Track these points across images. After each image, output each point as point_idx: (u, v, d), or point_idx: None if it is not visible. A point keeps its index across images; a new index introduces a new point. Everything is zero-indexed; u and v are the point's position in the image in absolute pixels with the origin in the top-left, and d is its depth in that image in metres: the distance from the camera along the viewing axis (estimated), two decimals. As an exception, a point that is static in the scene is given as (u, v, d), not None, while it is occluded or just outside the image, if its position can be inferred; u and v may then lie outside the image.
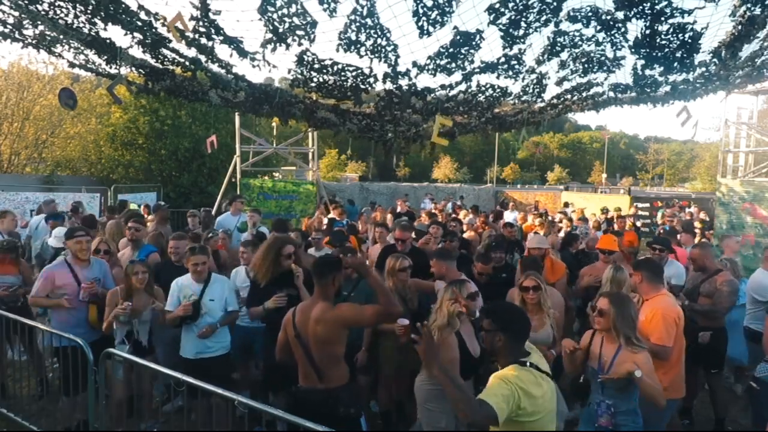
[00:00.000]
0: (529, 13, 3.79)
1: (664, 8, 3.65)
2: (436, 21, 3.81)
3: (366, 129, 6.64)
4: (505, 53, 4.37)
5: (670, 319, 3.22)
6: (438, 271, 3.94)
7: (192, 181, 16.72)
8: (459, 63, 4.50)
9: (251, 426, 3.29)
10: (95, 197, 12.10)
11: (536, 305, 3.48)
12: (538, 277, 3.54)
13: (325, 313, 2.75)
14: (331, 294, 2.88)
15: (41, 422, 4.02)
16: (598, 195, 23.59)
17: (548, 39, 4.29)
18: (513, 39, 4.10)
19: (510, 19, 3.83)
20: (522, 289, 3.53)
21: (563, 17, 3.94)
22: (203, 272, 3.84)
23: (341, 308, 2.81)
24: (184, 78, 5.15)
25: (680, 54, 4.31)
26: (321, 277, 2.84)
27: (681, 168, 59.93)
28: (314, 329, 2.75)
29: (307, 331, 2.79)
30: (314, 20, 3.79)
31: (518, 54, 4.43)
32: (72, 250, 4.01)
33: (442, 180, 54.43)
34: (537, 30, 4.02)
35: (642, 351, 2.77)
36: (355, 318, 2.82)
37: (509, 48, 4.22)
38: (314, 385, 2.80)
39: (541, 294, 3.48)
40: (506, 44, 4.16)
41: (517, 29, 3.98)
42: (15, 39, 4.30)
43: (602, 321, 2.88)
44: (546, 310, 3.49)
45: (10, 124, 16.46)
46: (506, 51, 4.29)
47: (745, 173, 10.23)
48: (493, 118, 6.44)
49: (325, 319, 2.73)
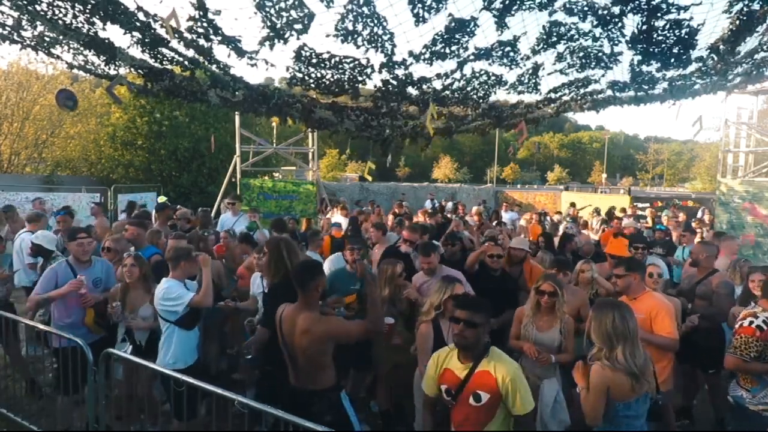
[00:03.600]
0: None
1: (660, 4, 3.66)
2: (432, 7, 3.82)
3: (364, 126, 6.63)
4: (499, 39, 4.37)
5: (671, 313, 3.40)
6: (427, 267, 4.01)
7: (192, 181, 16.73)
8: (453, 49, 4.51)
9: (251, 426, 3.28)
10: (95, 197, 12.09)
11: (550, 308, 3.45)
12: (557, 282, 3.47)
13: (313, 325, 2.66)
14: (316, 301, 2.79)
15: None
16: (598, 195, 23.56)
17: (543, 29, 4.29)
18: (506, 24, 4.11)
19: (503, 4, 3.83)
20: (538, 292, 3.47)
21: (559, 8, 3.95)
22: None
23: (330, 322, 2.75)
24: (183, 78, 5.15)
25: (677, 50, 4.33)
26: (303, 284, 2.73)
27: (681, 168, 59.92)
28: (300, 340, 2.69)
29: (293, 338, 2.73)
30: (311, 12, 3.79)
31: (512, 41, 4.44)
32: (73, 252, 4.01)
33: (442, 180, 54.45)
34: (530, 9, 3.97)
35: (593, 365, 2.56)
36: (341, 334, 2.74)
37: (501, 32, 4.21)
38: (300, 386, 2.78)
39: (557, 300, 3.42)
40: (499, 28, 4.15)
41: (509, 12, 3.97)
42: (14, 41, 4.29)
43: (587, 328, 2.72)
44: (560, 315, 3.44)
45: (10, 124, 16.46)
46: (500, 36, 4.29)
47: (745, 173, 10.23)
48: (489, 110, 6.41)
49: (311, 333, 2.65)
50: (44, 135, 17.49)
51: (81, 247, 3.97)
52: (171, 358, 3.53)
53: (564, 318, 3.46)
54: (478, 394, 2.44)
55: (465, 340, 2.49)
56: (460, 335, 2.49)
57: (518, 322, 3.61)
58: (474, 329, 2.47)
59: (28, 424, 3.94)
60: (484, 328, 2.53)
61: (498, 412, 2.45)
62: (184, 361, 3.56)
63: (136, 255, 3.96)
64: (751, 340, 2.92)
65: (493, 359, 2.49)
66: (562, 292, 3.48)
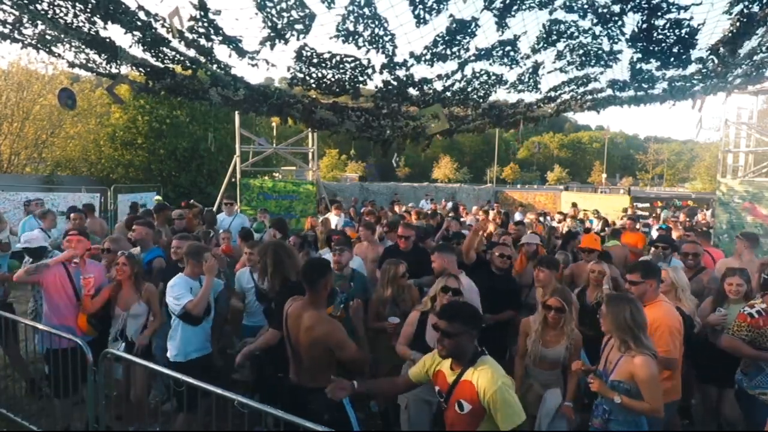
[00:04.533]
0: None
1: (661, 3, 3.65)
2: (432, 8, 3.81)
3: (364, 127, 6.62)
4: (499, 39, 4.36)
5: (674, 329, 3.13)
6: (439, 265, 3.95)
7: (191, 181, 16.72)
8: (454, 50, 4.50)
9: (251, 426, 3.28)
10: (95, 197, 12.08)
11: (557, 323, 3.34)
12: (564, 299, 3.32)
13: (317, 323, 2.67)
14: (323, 299, 2.80)
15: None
16: (598, 195, 23.57)
17: (544, 27, 4.28)
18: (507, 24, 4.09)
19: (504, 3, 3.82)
20: (545, 307, 3.37)
21: (558, 6, 3.93)
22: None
23: (333, 325, 2.72)
24: (185, 77, 5.15)
25: (677, 49, 4.31)
26: (311, 281, 2.74)
27: (681, 168, 59.96)
28: (305, 339, 2.70)
29: (297, 335, 2.75)
30: (312, 12, 3.78)
31: (513, 40, 4.42)
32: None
33: (442, 180, 54.41)
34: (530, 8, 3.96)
35: (641, 355, 2.65)
36: (339, 344, 2.71)
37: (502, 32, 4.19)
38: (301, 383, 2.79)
39: (565, 316, 3.30)
40: (500, 28, 4.14)
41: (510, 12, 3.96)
42: (15, 39, 4.29)
43: (603, 323, 2.85)
44: (567, 331, 3.32)
45: (10, 124, 16.45)
46: (500, 36, 4.27)
47: (745, 173, 10.23)
48: (490, 109, 6.41)
49: (315, 330, 2.67)
50: (44, 135, 17.48)
51: (70, 243, 4.01)
52: (173, 350, 3.61)
53: (572, 334, 3.33)
54: (461, 403, 2.37)
55: (444, 350, 2.42)
56: (439, 344, 2.43)
57: (524, 336, 3.48)
58: (451, 339, 2.37)
59: (28, 424, 3.94)
60: (466, 336, 2.39)
61: (483, 422, 2.34)
62: (185, 354, 3.60)
63: (128, 254, 3.99)
64: (743, 324, 3.31)
65: (477, 370, 2.36)
66: (571, 308, 3.36)
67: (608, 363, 2.88)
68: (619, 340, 2.76)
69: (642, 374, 2.63)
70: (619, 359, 2.78)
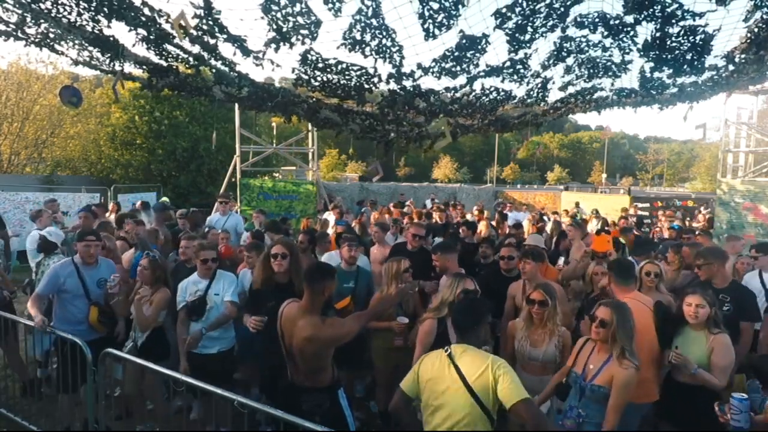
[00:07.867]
0: (536, 18, 3.73)
1: (675, 11, 3.56)
2: (442, 24, 3.75)
3: (368, 129, 6.60)
4: (510, 57, 4.31)
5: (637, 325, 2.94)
6: (441, 264, 3.92)
7: (191, 181, 16.71)
8: (464, 66, 4.45)
9: (251, 426, 3.28)
10: (95, 197, 12.08)
11: (542, 320, 3.24)
12: (548, 292, 3.23)
13: (316, 331, 2.64)
14: (321, 305, 2.77)
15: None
16: (597, 195, 23.55)
17: (555, 44, 4.23)
18: (519, 43, 4.03)
19: (516, 24, 3.77)
20: (528, 302, 3.30)
21: (570, 23, 3.87)
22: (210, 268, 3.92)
23: (333, 326, 2.73)
24: (188, 75, 5.13)
25: (690, 56, 4.22)
26: (313, 283, 2.73)
27: (681, 168, 59.98)
28: (302, 345, 2.68)
29: (292, 340, 2.73)
30: (318, 19, 3.76)
31: (524, 58, 4.37)
32: (80, 252, 4.01)
33: (442, 180, 54.43)
34: (543, 35, 3.94)
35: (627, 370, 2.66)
36: (341, 335, 2.72)
37: (515, 52, 4.17)
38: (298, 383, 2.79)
39: (547, 310, 3.20)
40: (512, 48, 4.10)
41: (523, 34, 3.92)
42: (18, 38, 4.27)
43: (602, 332, 2.77)
44: (552, 327, 3.22)
45: (10, 124, 16.45)
46: (512, 55, 4.24)
47: (745, 173, 10.23)
48: (495, 120, 6.40)
49: (314, 340, 2.64)
50: (44, 135, 17.48)
51: (87, 249, 3.99)
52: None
53: (559, 331, 3.24)
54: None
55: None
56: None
57: (510, 338, 3.39)
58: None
59: (28, 424, 3.93)
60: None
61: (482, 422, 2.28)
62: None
63: (152, 258, 3.97)
64: None
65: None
66: (555, 302, 3.24)
67: (588, 367, 2.83)
68: (618, 349, 2.72)
69: (622, 382, 2.65)
70: (603, 365, 2.75)
